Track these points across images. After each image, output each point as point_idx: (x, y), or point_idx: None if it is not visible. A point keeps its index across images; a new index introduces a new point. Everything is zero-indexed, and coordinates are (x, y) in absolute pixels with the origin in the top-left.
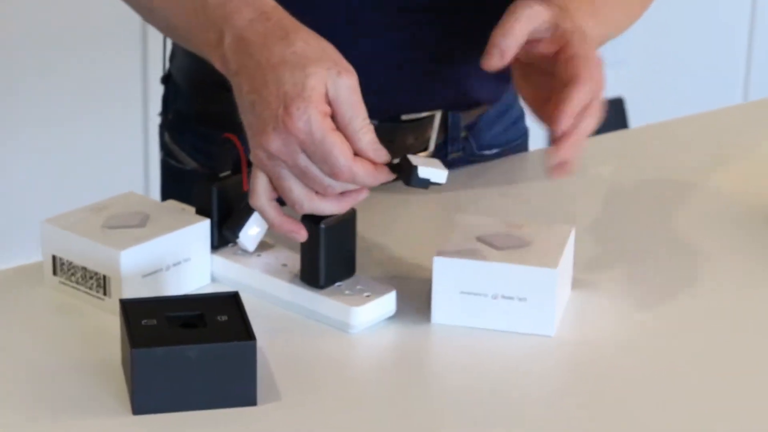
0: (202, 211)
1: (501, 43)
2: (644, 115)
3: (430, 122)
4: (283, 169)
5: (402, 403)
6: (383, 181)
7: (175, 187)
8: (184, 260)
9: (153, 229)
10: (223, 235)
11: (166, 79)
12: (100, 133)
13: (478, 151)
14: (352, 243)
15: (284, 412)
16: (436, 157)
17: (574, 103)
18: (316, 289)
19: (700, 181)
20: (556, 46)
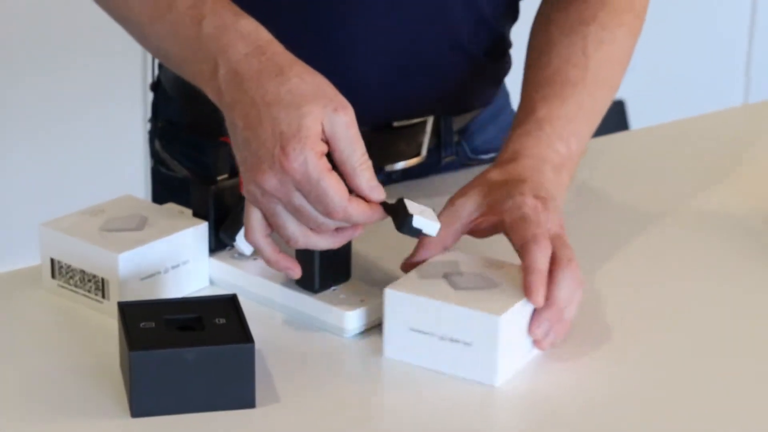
0: (199, 214)
1: (420, 256)
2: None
3: (422, 128)
4: (277, 205)
5: (399, 406)
6: (376, 221)
7: (166, 195)
8: (182, 263)
9: (151, 232)
10: (220, 239)
11: (155, 86)
12: (100, 136)
13: (473, 155)
14: (348, 248)
15: (283, 414)
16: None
17: (537, 269)
18: (311, 293)
19: (703, 183)
20: (496, 216)
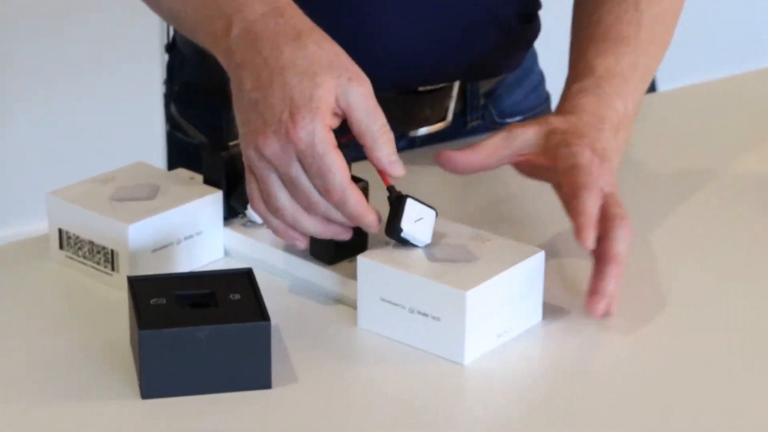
0: (211, 181)
1: (461, 156)
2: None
3: (448, 92)
4: (272, 173)
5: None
6: (365, 224)
7: (181, 163)
8: (196, 234)
9: (163, 202)
10: (231, 206)
11: (171, 47)
12: (118, 98)
13: (500, 119)
14: None
15: (301, 395)
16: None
17: (587, 213)
18: (326, 265)
19: (738, 147)
20: (549, 161)
